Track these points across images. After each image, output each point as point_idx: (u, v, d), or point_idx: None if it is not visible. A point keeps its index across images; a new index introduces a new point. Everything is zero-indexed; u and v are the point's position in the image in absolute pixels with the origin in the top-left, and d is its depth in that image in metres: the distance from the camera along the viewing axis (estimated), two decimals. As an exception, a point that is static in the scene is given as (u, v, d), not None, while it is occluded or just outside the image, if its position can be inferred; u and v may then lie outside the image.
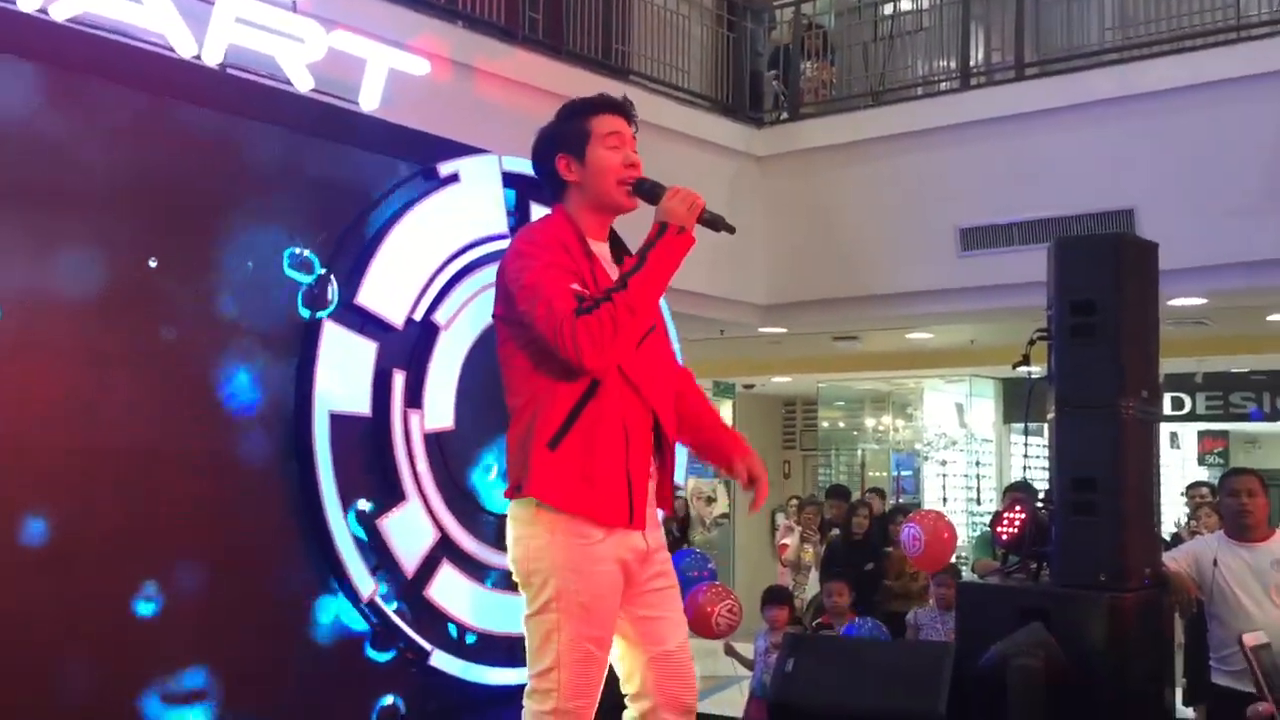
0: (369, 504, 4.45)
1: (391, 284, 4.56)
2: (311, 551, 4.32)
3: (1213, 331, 9.21)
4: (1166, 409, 11.46)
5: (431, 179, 4.79)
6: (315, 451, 4.27)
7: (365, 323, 4.48)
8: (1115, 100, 7.37)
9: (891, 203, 8.21)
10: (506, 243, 4.78)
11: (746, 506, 2.95)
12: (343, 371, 4.40)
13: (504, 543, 2.84)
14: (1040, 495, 4.83)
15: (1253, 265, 7.06)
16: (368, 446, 4.49)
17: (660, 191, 2.70)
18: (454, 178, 4.83)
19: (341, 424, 4.37)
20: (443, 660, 4.59)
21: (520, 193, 5.04)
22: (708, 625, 5.81)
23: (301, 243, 4.41)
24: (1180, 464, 13.11)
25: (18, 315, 3.69)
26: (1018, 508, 4.74)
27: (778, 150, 8.73)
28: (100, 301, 3.91)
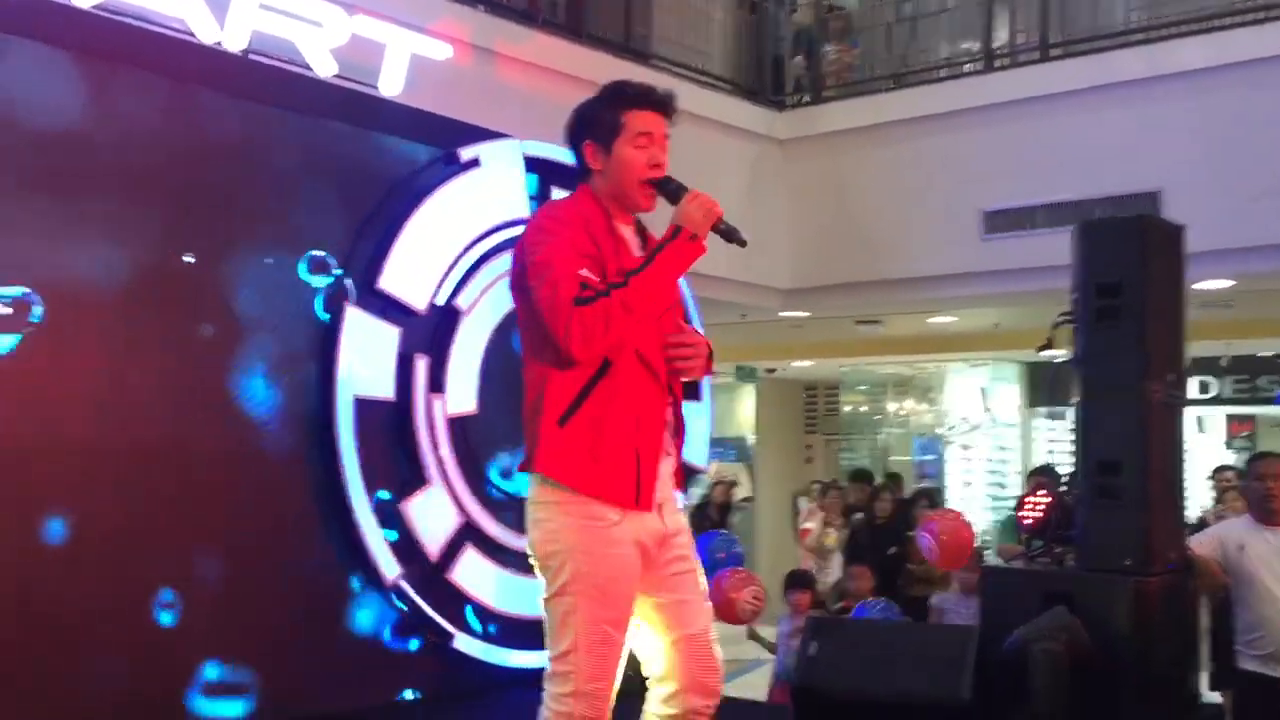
0: (392, 488, 4.48)
1: (414, 269, 4.58)
2: (334, 535, 4.35)
3: (1240, 314, 9.11)
4: (1192, 393, 11.37)
5: (452, 164, 4.79)
6: (339, 436, 4.30)
7: (388, 308, 4.50)
8: (1141, 81, 7.29)
9: (914, 186, 8.15)
10: (528, 227, 4.81)
11: (770, 490, 2.93)
12: (366, 356, 4.42)
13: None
14: (1064, 479, 4.81)
15: (1281, 247, 6.99)
16: (391, 430, 4.51)
17: (682, 193, 2.68)
18: (475, 162, 4.84)
19: (365, 408, 4.39)
20: (466, 643, 4.62)
21: (542, 177, 5.04)
22: (733, 611, 5.80)
23: (322, 230, 4.43)
24: (1206, 448, 13.01)
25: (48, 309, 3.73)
26: (1042, 492, 4.72)
27: (800, 133, 8.68)
28: (123, 294, 3.94)
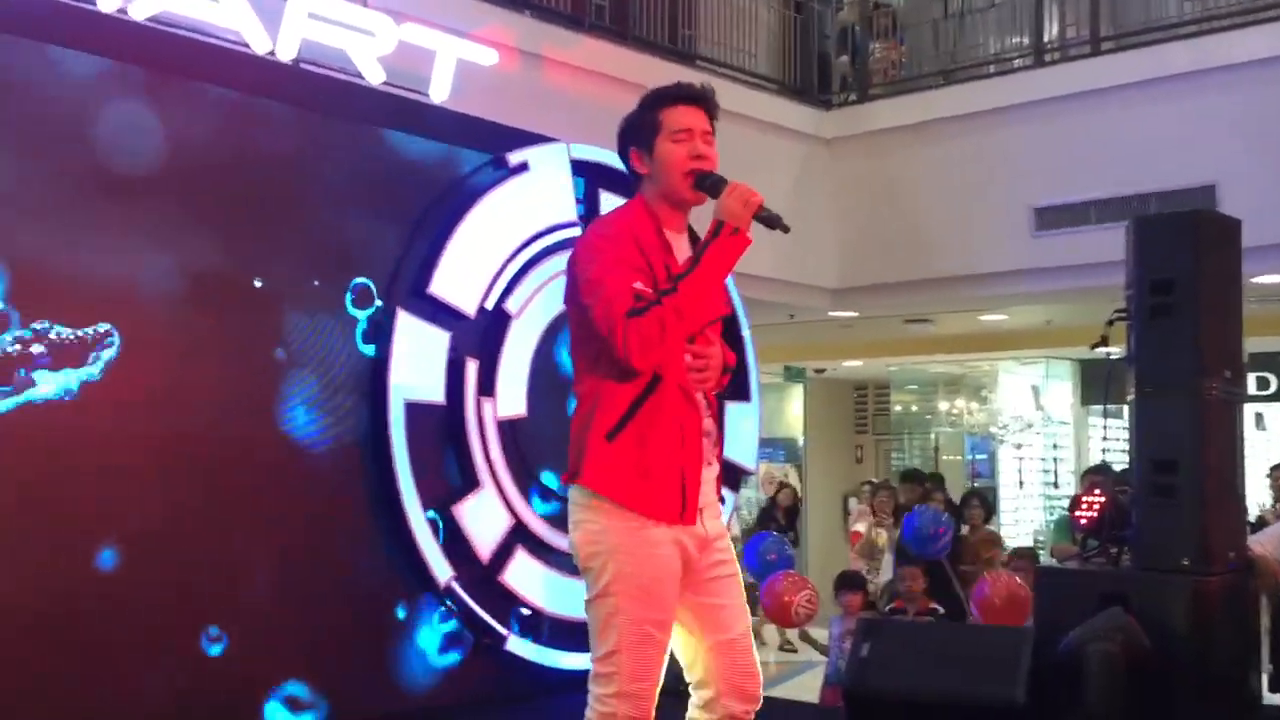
0: (443, 491, 4.51)
1: (463, 273, 4.61)
2: (387, 539, 4.39)
3: (1300, 309, 8.95)
4: (1251, 389, 11.17)
5: (501, 168, 4.83)
6: (391, 439, 4.34)
7: (438, 312, 4.54)
8: (1195, 74, 7.19)
9: (963, 183, 8.09)
10: (576, 230, 4.83)
11: (820, 491, 2.93)
12: (417, 360, 4.46)
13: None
14: (1119, 478, 4.75)
15: (1341, 240, 6.85)
16: (442, 434, 4.55)
17: (721, 187, 2.68)
18: (523, 167, 4.87)
19: (416, 412, 4.43)
20: (517, 645, 4.65)
21: (589, 180, 5.06)
22: (787, 615, 5.79)
23: (374, 236, 4.49)
24: (1267, 445, 12.77)
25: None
26: (1096, 491, 4.66)
27: (847, 132, 8.65)
28: (180, 305, 4.01)
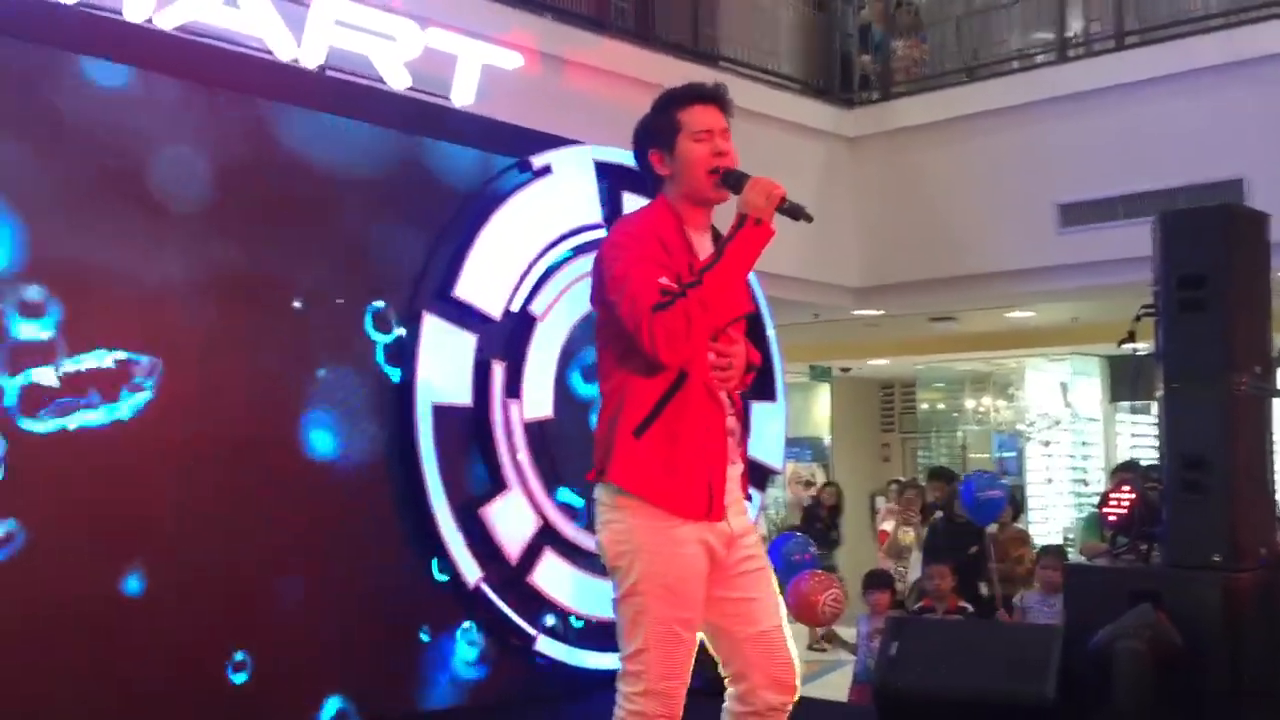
0: (472, 493, 4.54)
1: (489, 276, 4.64)
2: (415, 541, 4.42)
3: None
4: (1282, 384, 11.07)
5: (525, 171, 4.85)
6: (419, 443, 4.37)
7: (464, 315, 4.57)
8: (1221, 67, 7.13)
9: (988, 180, 8.07)
10: (600, 232, 4.85)
11: (847, 490, 2.92)
12: (444, 363, 4.48)
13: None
14: (1151, 475, 4.72)
15: (1372, 233, 6.78)
16: (470, 436, 4.58)
17: (743, 182, 2.71)
18: (546, 170, 4.89)
19: (444, 415, 4.46)
20: (547, 646, 4.66)
21: (612, 182, 5.07)
22: (814, 614, 5.78)
23: (399, 240, 4.52)
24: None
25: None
26: (1125, 488, 4.64)
27: (870, 131, 8.64)
28: (211, 312, 4.05)
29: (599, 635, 4.72)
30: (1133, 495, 4.53)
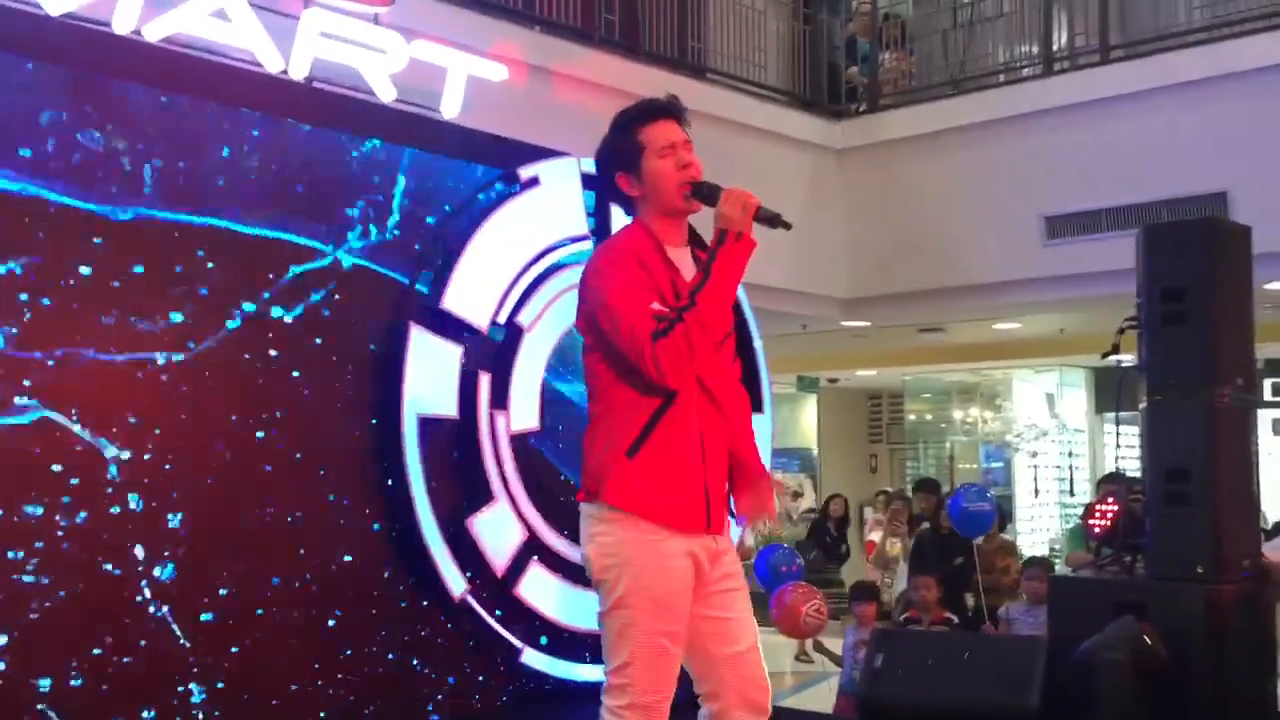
0: (459, 504, 4.53)
1: (476, 288, 4.63)
2: (401, 552, 4.41)
3: (1314, 315, 8.92)
4: (1267, 395, 11.13)
5: (512, 183, 4.85)
6: (405, 454, 4.37)
7: (451, 327, 4.56)
8: (1205, 81, 7.18)
9: (974, 192, 8.10)
10: (587, 244, 4.85)
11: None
12: (430, 375, 4.48)
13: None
14: (1134, 486, 4.75)
15: (1355, 246, 6.82)
16: (456, 448, 4.57)
17: (716, 194, 2.71)
18: (534, 181, 4.89)
19: (430, 426, 4.45)
20: (533, 658, 4.66)
21: (599, 194, 5.07)
22: (796, 624, 5.81)
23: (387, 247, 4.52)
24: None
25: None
26: (1110, 499, 4.67)
27: (857, 143, 8.66)
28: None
29: (585, 648, 4.72)
30: (1117, 507, 4.56)
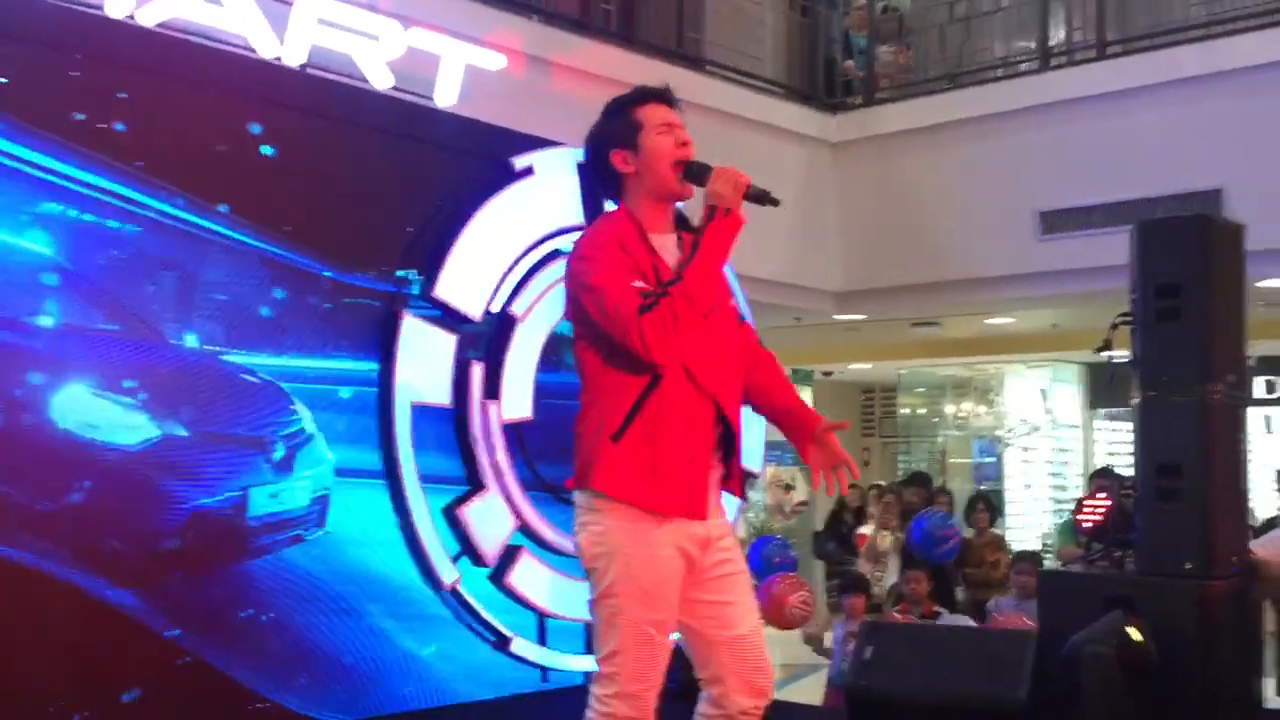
0: (450, 493, 4.53)
1: (469, 277, 4.63)
2: (394, 545, 4.41)
3: (1306, 313, 8.94)
4: (1259, 393, 11.15)
5: (507, 173, 4.85)
6: (397, 442, 4.36)
7: (444, 315, 4.56)
8: (1201, 78, 7.18)
9: (970, 186, 8.10)
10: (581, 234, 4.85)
11: (825, 490, 2.96)
12: (423, 363, 4.48)
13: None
14: (1127, 482, 4.76)
15: (1348, 244, 6.84)
16: (448, 436, 4.57)
17: (707, 174, 2.74)
18: (528, 171, 4.89)
19: (423, 414, 4.45)
20: (523, 647, 4.66)
21: (585, 182, 5.07)
22: (782, 615, 5.82)
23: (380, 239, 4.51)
24: (1275, 449, 12.75)
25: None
26: (1101, 494, 4.68)
27: (853, 136, 8.65)
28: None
29: (575, 637, 4.73)
30: (1108, 502, 4.57)
